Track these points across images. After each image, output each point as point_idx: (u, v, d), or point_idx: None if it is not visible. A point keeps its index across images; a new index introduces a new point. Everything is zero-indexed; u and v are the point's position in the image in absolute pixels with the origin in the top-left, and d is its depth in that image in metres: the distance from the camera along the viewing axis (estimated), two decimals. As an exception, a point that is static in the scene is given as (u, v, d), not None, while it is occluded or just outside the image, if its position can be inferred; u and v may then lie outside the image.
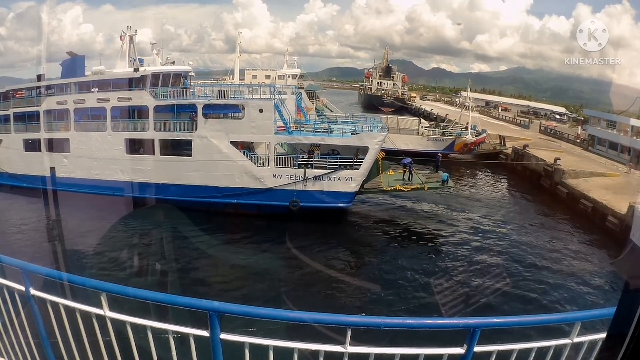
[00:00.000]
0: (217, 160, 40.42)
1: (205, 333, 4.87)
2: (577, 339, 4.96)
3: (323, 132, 41.85)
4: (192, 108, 41.90)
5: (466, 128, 71.34)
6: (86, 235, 35.70)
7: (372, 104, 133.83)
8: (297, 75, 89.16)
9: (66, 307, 5.66)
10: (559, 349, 5.08)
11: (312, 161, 39.92)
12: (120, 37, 47.38)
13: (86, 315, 5.49)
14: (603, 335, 3.28)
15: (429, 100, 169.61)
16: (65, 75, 47.23)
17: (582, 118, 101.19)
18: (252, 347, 4.92)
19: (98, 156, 43.33)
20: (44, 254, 31.03)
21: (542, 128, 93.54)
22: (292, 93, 46.84)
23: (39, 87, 48.22)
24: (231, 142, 40.31)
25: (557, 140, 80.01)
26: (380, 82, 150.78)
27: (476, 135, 69.26)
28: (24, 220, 38.83)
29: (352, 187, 39.67)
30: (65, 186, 42.79)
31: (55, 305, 5.72)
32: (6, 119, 47.81)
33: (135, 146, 43.19)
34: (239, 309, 4.93)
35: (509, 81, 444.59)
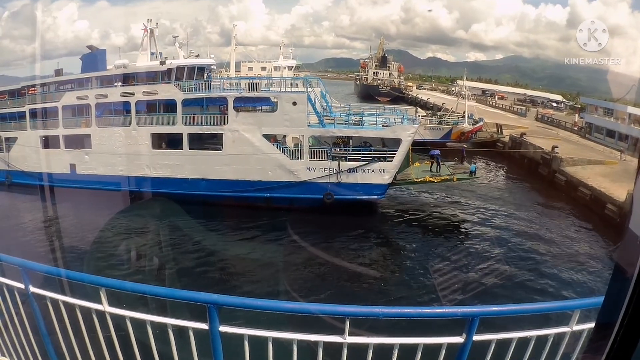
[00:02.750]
0: (249, 154, 40.02)
1: (204, 326, 4.88)
2: (576, 327, 4.96)
3: (354, 124, 41.62)
4: (222, 101, 41.56)
5: (463, 117, 71.30)
6: (113, 232, 35.55)
7: (369, 94, 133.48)
8: (293, 66, 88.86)
9: (66, 304, 5.67)
10: (558, 337, 5.09)
11: (346, 154, 39.69)
12: (144, 29, 46.52)
13: (86, 311, 5.51)
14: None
15: (425, 89, 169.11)
16: (85, 70, 46.38)
17: (579, 106, 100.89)
18: (251, 338, 4.93)
19: (122, 152, 42.66)
20: (69, 255, 30.94)
21: (539, 116, 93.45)
22: (317, 85, 45.50)
23: (57, 83, 47.50)
24: (263, 135, 40.03)
25: (555, 128, 79.92)
26: (376, 72, 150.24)
27: (473, 124, 69.25)
28: (42, 219, 38.15)
29: (386, 179, 39.57)
30: (87, 183, 42.38)
31: (54, 302, 5.73)
32: (21, 115, 46.98)
33: (162, 141, 42.77)
34: (237, 301, 4.94)
35: (505, 70, 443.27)
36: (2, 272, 6.14)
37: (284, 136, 41.91)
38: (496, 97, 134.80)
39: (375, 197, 40.25)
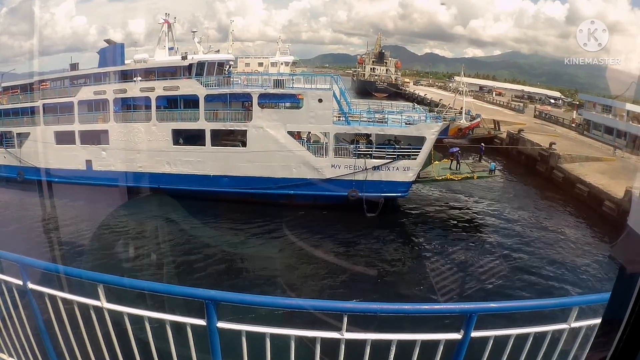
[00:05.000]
0: (273, 151, 39.75)
1: (202, 322, 4.88)
2: (574, 324, 4.97)
3: (378, 122, 41.44)
4: (246, 97, 41.21)
5: (460, 113, 71.15)
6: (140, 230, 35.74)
7: (366, 90, 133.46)
8: (290, 62, 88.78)
9: (64, 300, 5.67)
10: (556, 334, 5.10)
11: (371, 151, 39.52)
12: (164, 22, 46.33)
13: (84, 308, 5.51)
14: (599, 320, 3.30)
15: (422, 85, 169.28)
16: (103, 64, 45.62)
17: (577, 102, 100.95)
18: (249, 334, 4.93)
19: (141, 148, 42.24)
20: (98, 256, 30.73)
21: (537, 112, 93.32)
22: (337, 82, 44.00)
23: (72, 77, 46.75)
24: (288, 132, 39.83)
25: (552, 125, 79.80)
26: (373, 68, 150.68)
27: (470, 120, 69.02)
28: (56, 217, 37.76)
29: (410, 176, 39.43)
30: (104, 180, 42.10)
31: (53, 298, 5.73)
32: (34, 110, 46.09)
33: (184, 137, 42.48)
34: (235, 297, 4.93)
35: (503, 66, 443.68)
36: (0, 269, 6.14)
37: (308, 133, 41.60)
38: (494, 93, 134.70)
39: (399, 194, 40.19)
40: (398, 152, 39.21)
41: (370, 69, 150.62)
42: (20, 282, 5.83)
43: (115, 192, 40.55)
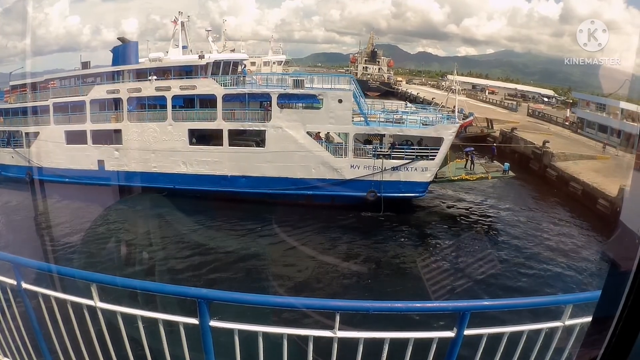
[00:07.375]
0: (292, 151, 39.58)
1: (194, 321, 4.87)
2: (568, 322, 4.96)
3: (396, 122, 41.38)
4: (265, 97, 41.09)
5: (453, 111, 71.05)
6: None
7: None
8: (282, 61, 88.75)
9: (57, 299, 5.66)
10: (550, 332, 5.09)
11: (390, 152, 39.49)
12: (174, 22, 46.24)
13: (77, 307, 5.50)
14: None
15: (415, 84, 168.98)
16: (117, 63, 45.26)
17: (571, 101, 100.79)
18: (242, 333, 4.92)
19: (156, 148, 42.01)
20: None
21: (530, 111, 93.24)
22: (351, 83, 43.28)
23: (84, 76, 46.40)
24: (307, 133, 39.67)
25: (546, 123, 79.69)
26: (366, 67, 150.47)
27: (463, 119, 69.01)
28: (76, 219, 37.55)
29: (428, 177, 39.49)
30: (116, 180, 41.82)
31: (46, 297, 5.72)
32: (44, 109, 45.69)
33: (200, 137, 42.20)
34: (227, 295, 4.93)
35: (497, 64, 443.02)
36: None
37: (327, 133, 41.49)
38: (487, 91, 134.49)
39: (417, 194, 40.20)
40: (416, 152, 39.25)
41: (363, 67, 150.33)
42: (14, 282, 5.82)
43: (127, 193, 40.98)
